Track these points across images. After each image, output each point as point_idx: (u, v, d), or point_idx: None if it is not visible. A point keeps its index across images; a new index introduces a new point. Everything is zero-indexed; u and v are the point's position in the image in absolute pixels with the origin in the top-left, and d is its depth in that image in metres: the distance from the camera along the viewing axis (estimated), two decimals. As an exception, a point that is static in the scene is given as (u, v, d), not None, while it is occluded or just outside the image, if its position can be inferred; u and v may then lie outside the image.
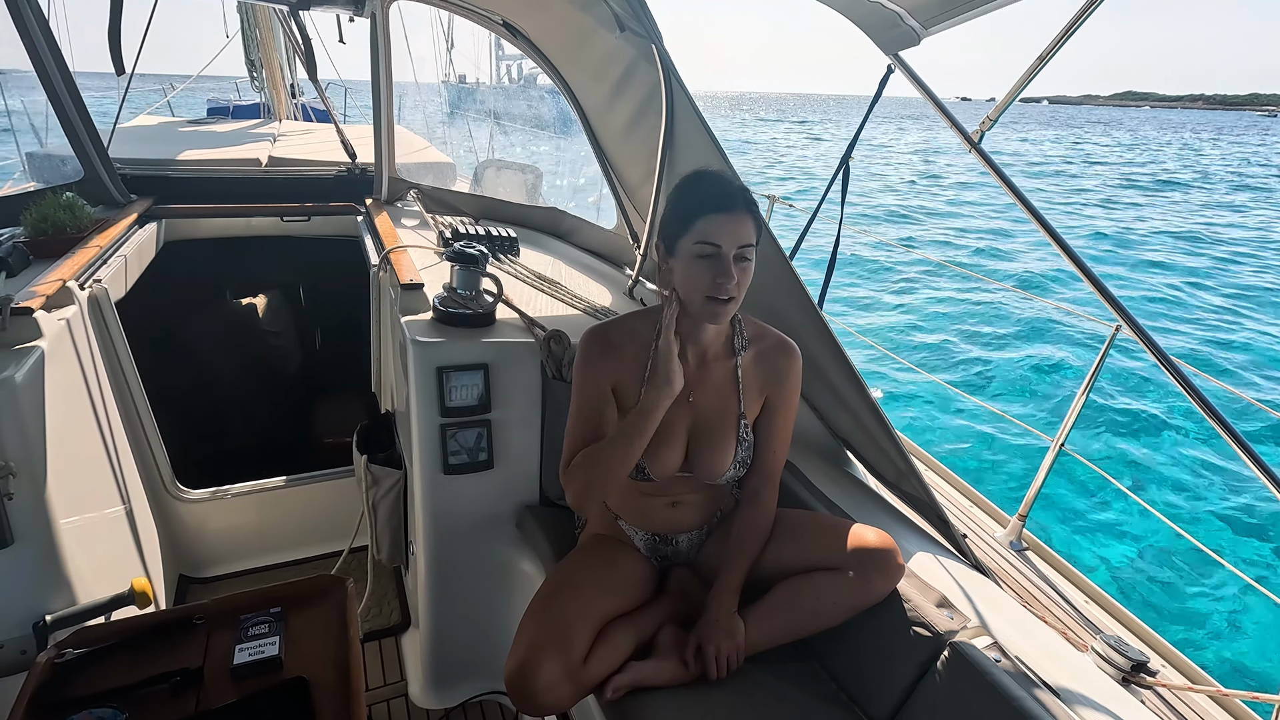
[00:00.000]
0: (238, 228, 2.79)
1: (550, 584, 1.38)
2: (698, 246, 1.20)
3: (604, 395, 1.34)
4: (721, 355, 1.38)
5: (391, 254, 2.02)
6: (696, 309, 1.24)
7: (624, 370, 1.35)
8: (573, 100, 2.35)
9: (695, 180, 1.27)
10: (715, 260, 1.20)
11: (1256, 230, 18.01)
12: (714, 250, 1.19)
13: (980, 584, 1.42)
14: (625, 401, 1.37)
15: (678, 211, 1.24)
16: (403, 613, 2.30)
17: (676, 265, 1.25)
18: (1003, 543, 2.29)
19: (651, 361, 1.31)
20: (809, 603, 1.30)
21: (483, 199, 2.89)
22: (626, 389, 1.36)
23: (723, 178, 1.26)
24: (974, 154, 1.69)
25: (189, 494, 2.32)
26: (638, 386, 1.35)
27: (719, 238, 1.19)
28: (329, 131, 3.58)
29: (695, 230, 1.19)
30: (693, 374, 1.36)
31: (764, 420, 1.42)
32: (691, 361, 1.36)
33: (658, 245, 1.29)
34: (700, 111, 1.64)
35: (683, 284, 1.24)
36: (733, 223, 1.19)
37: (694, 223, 1.19)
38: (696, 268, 1.21)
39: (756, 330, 1.42)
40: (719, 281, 1.19)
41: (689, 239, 1.20)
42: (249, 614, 1.01)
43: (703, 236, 1.19)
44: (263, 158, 3.11)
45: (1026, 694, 1.09)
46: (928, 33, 1.79)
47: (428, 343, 1.61)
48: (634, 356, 1.36)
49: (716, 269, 1.19)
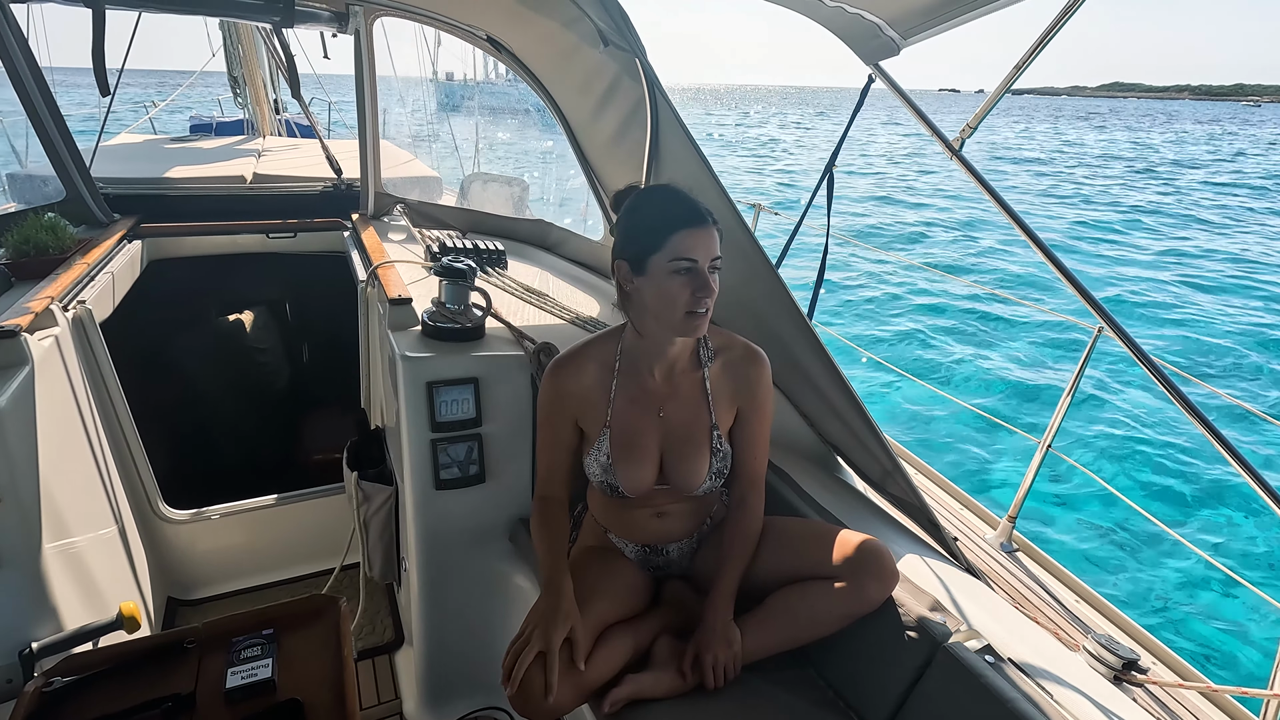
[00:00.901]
0: (223, 245, 2.77)
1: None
2: (674, 263, 1.20)
3: (566, 432, 1.40)
4: (689, 368, 1.39)
5: (379, 269, 2.02)
6: (675, 325, 1.25)
7: (585, 402, 1.38)
8: (558, 114, 2.36)
9: (658, 195, 1.29)
10: (693, 275, 1.21)
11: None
12: (691, 265, 1.20)
13: (972, 586, 1.43)
14: (590, 428, 1.39)
15: (644, 228, 1.24)
16: (396, 630, 2.28)
17: (646, 284, 1.24)
18: (993, 544, 2.31)
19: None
20: (805, 611, 1.31)
21: (470, 212, 2.89)
22: (591, 417, 1.38)
23: (683, 192, 1.27)
24: (955, 161, 1.72)
25: (176, 515, 2.30)
26: (603, 409, 1.37)
27: (694, 252, 1.20)
28: (314, 147, 3.58)
29: (670, 247, 1.20)
30: (661, 389, 1.37)
31: (740, 429, 1.43)
32: (659, 377, 1.37)
33: (619, 265, 1.28)
34: (685, 123, 1.65)
35: (657, 301, 1.24)
36: (705, 236, 1.21)
37: (668, 239, 1.20)
38: (674, 284, 1.21)
39: (723, 340, 1.42)
40: (699, 296, 1.20)
41: (663, 256, 1.21)
42: (241, 636, 1.00)
43: (679, 253, 1.20)
44: (247, 174, 3.10)
45: (1019, 695, 1.10)
46: (907, 43, 1.82)
47: (417, 358, 1.61)
48: (596, 383, 1.37)
49: (695, 283, 1.21)
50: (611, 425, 1.36)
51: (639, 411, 1.36)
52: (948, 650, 1.19)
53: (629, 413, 1.36)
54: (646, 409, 1.37)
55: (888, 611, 1.28)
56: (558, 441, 1.40)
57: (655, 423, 1.37)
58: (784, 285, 1.63)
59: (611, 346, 1.39)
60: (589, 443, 1.39)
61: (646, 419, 1.36)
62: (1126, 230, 16.88)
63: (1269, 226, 18.12)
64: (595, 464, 1.37)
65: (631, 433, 1.36)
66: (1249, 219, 19.19)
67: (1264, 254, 14.75)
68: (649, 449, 1.36)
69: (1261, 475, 1.34)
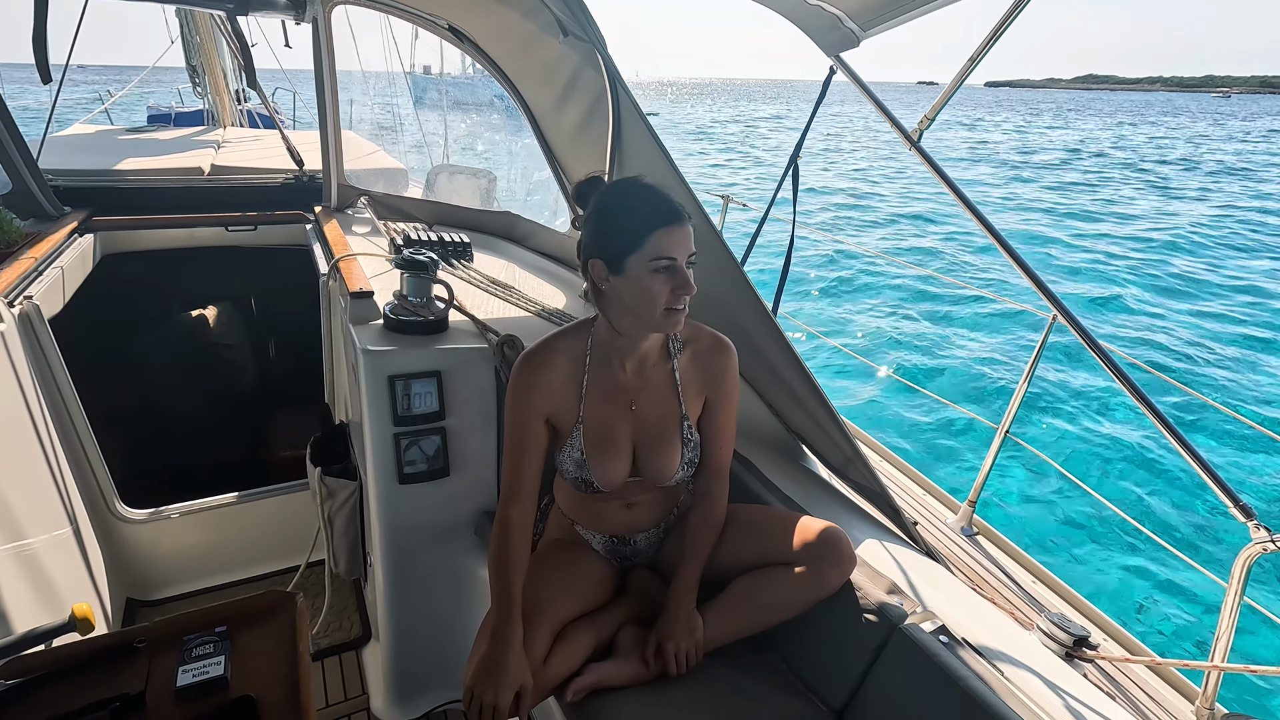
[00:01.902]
0: (180, 239, 2.71)
1: None
2: (654, 263, 1.20)
3: (535, 428, 1.34)
4: (658, 360, 1.39)
5: (340, 262, 1.99)
6: (654, 323, 1.24)
7: (556, 396, 1.34)
8: (522, 104, 2.34)
9: (632, 196, 1.25)
10: (673, 273, 1.21)
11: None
12: (671, 263, 1.20)
13: (931, 569, 1.46)
14: (562, 424, 1.36)
15: (623, 229, 1.22)
16: (363, 626, 2.26)
17: (624, 283, 1.23)
18: (954, 528, 2.36)
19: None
20: (765, 597, 1.33)
21: (436, 204, 2.86)
22: (562, 412, 1.36)
23: (656, 188, 1.26)
24: (914, 152, 1.74)
25: (134, 515, 2.25)
26: (575, 404, 1.35)
27: (674, 250, 1.19)
28: (275, 138, 3.50)
29: (649, 247, 1.19)
30: (631, 382, 1.37)
31: (707, 418, 1.44)
32: (629, 370, 1.37)
33: (594, 264, 1.26)
34: (645, 116, 1.65)
35: (636, 300, 1.23)
36: (683, 234, 1.21)
37: (647, 239, 1.19)
38: (655, 282, 1.21)
39: (691, 331, 1.42)
40: (679, 293, 1.21)
41: (642, 256, 1.20)
42: (193, 634, 0.99)
43: (659, 252, 1.19)
44: (205, 166, 3.03)
45: (972, 674, 1.13)
46: (867, 34, 1.84)
47: (378, 351, 1.59)
48: (567, 377, 1.35)
49: (675, 281, 1.20)
50: (584, 420, 1.35)
51: (611, 406, 1.36)
52: (903, 632, 1.22)
53: (601, 407, 1.36)
54: (618, 403, 1.36)
55: (846, 596, 1.31)
56: (527, 442, 1.33)
57: (627, 416, 1.37)
58: (747, 278, 1.65)
59: (581, 340, 1.37)
60: (561, 439, 1.37)
61: (619, 413, 1.36)
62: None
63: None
64: (569, 460, 1.36)
65: (604, 427, 1.36)
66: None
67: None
68: (622, 443, 1.37)
69: (1203, 456, 1.39)
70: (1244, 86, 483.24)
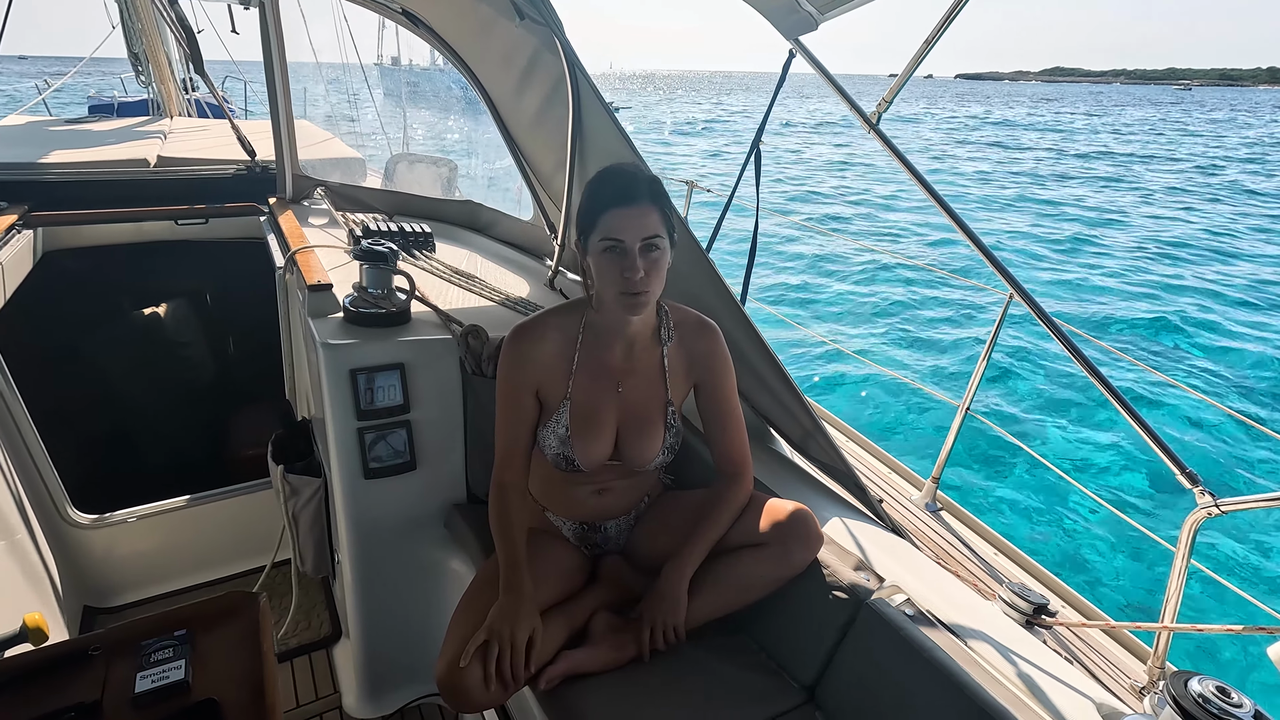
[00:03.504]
0: (127, 233, 2.61)
1: (479, 580, 1.38)
2: (604, 243, 1.20)
3: (527, 402, 1.37)
4: (649, 344, 1.39)
5: (297, 255, 1.94)
6: (614, 303, 1.25)
7: (546, 370, 1.36)
8: (481, 90, 2.30)
9: (602, 176, 1.26)
10: (620, 254, 1.20)
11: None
12: (617, 244, 1.20)
13: (896, 545, 1.50)
14: (550, 399, 1.37)
15: (585, 209, 1.24)
16: (333, 624, 2.23)
17: (590, 263, 1.26)
18: (918, 505, 2.41)
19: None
20: (735, 579, 1.34)
21: (395, 194, 2.80)
22: (551, 387, 1.36)
23: (628, 171, 1.25)
24: (872, 134, 1.76)
25: (88, 520, 2.18)
26: (564, 381, 1.35)
27: (621, 232, 1.19)
28: (225, 128, 3.39)
29: (600, 226, 1.20)
30: (620, 365, 1.37)
31: (707, 402, 1.44)
32: (619, 353, 1.37)
33: (577, 243, 1.29)
34: (605, 100, 1.64)
35: (598, 280, 1.25)
36: (635, 215, 1.19)
37: (599, 219, 1.20)
38: (605, 262, 1.21)
39: (678, 315, 1.43)
40: (626, 276, 1.20)
41: (596, 236, 1.21)
42: (151, 639, 0.96)
43: (606, 232, 1.20)
44: (151, 157, 2.91)
45: (936, 645, 1.16)
46: (824, 18, 1.84)
47: (339, 344, 1.56)
48: (557, 353, 1.36)
49: (623, 263, 1.20)
50: (571, 397, 1.35)
51: (599, 386, 1.36)
52: (870, 607, 1.24)
53: (589, 386, 1.36)
54: (606, 384, 1.37)
55: (814, 574, 1.33)
56: (518, 415, 1.36)
57: (614, 398, 1.37)
58: (709, 261, 1.65)
59: (575, 319, 1.38)
60: (547, 414, 1.37)
61: (606, 394, 1.36)
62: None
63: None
64: (553, 436, 1.36)
65: (591, 407, 1.36)
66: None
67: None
68: (606, 424, 1.37)
69: (1150, 426, 1.44)
70: (1204, 79, 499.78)
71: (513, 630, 1.21)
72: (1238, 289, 10.77)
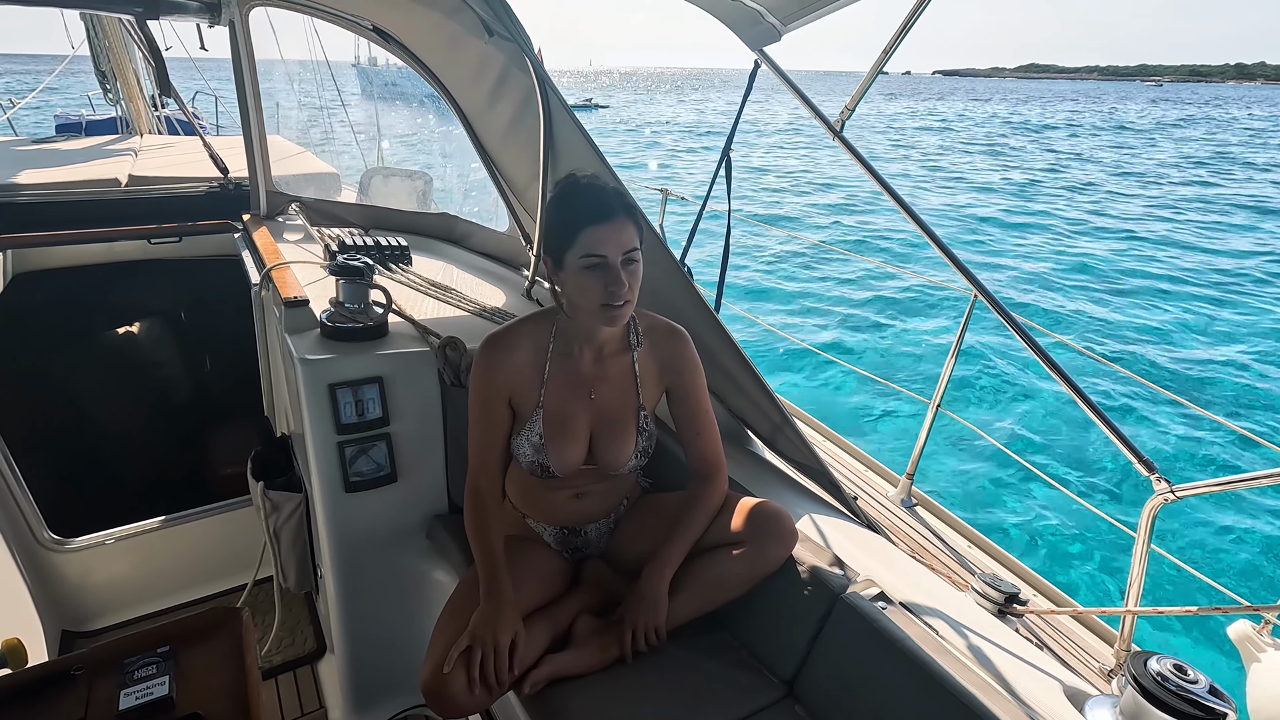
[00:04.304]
0: (99, 254, 2.59)
1: (462, 588, 1.39)
2: (585, 260, 1.21)
3: (501, 411, 1.38)
4: (619, 350, 1.42)
5: (273, 271, 1.95)
6: (594, 318, 1.27)
7: (519, 379, 1.37)
8: (453, 104, 2.32)
9: (570, 191, 1.27)
10: (604, 270, 1.22)
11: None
12: (600, 260, 1.21)
13: (871, 540, 1.54)
14: (523, 407, 1.39)
15: (559, 226, 1.25)
16: (318, 639, 2.22)
17: (566, 279, 1.27)
18: (894, 500, 2.46)
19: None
20: (712, 577, 1.37)
21: (371, 208, 2.81)
22: (523, 395, 1.38)
23: (597, 185, 1.27)
24: (836, 141, 1.81)
25: (65, 543, 2.15)
26: (536, 389, 1.38)
27: (603, 248, 1.20)
28: (196, 145, 3.37)
29: (580, 244, 1.21)
30: (591, 372, 1.40)
31: (679, 407, 1.46)
32: (589, 359, 1.40)
33: (545, 260, 1.30)
34: (575, 114, 1.67)
35: (576, 295, 1.26)
36: (614, 231, 1.21)
37: (577, 236, 1.21)
38: (587, 279, 1.23)
39: (648, 321, 1.46)
40: (611, 290, 1.21)
41: (574, 253, 1.22)
42: (134, 657, 0.97)
43: (588, 249, 1.21)
44: (122, 176, 2.89)
45: (909, 635, 1.19)
46: (787, 29, 1.89)
47: (316, 360, 1.57)
48: (529, 361, 1.38)
49: (607, 278, 1.21)
50: (544, 405, 1.37)
51: (571, 393, 1.38)
52: (845, 600, 1.28)
53: (561, 394, 1.38)
54: (578, 391, 1.39)
55: (790, 570, 1.36)
56: (492, 423, 1.38)
57: (586, 404, 1.39)
58: (681, 269, 1.69)
59: (546, 327, 1.40)
60: (520, 422, 1.39)
61: (578, 400, 1.38)
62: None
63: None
64: (526, 444, 1.38)
65: (563, 414, 1.38)
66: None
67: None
68: (579, 430, 1.39)
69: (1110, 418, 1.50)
70: (1175, 75, 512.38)
71: (495, 634, 1.22)
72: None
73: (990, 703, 1.07)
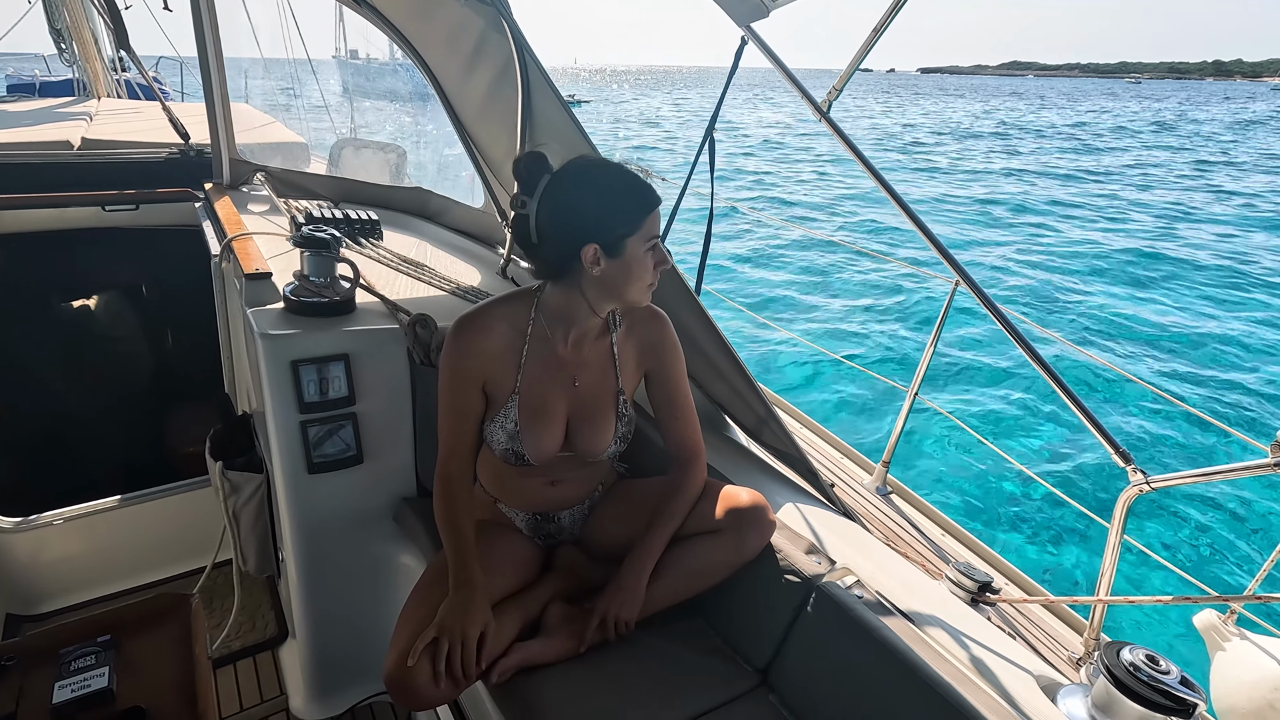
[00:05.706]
0: (49, 220, 2.46)
1: (429, 574, 1.34)
2: (649, 242, 1.23)
3: (472, 396, 1.32)
4: (599, 334, 1.38)
5: (234, 242, 1.86)
6: (638, 297, 1.28)
7: (493, 363, 1.31)
8: (428, 74, 2.23)
9: (610, 175, 1.23)
10: (657, 250, 1.26)
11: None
12: (657, 241, 1.25)
13: (847, 529, 1.52)
14: (497, 393, 1.33)
15: (622, 212, 1.21)
16: (279, 624, 2.16)
17: (618, 264, 1.22)
18: (869, 488, 2.46)
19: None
20: (690, 565, 1.34)
21: (341, 180, 2.71)
22: (498, 381, 1.32)
23: (626, 169, 1.26)
24: (823, 122, 1.77)
25: (11, 523, 2.06)
26: (512, 374, 1.32)
27: (658, 229, 1.25)
28: (157, 110, 3.22)
29: (646, 228, 1.22)
30: (571, 357, 1.35)
31: (658, 391, 1.43)
32: (570, 344, 1.35)
33: (588, 250, 1.21)
34: (554, 84, 1.61)
35: (628, 279, 1.24)
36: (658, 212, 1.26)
37: (644, 221, 1.22)
38: (647, 261, 1.24)
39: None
40: (659, 268, 1.27)
41: (639, 237, 1.22)
42: (71, 647, 0.90)
43: (652, 232, 1.24)
44: (75, 139, 2.75)
45: (883, 624, 1.18)
46: (776, 5, 1.84)
47: (279, 335, 1.50)
48: (505, 344, 1.32)
49: (658, 257, 1.26)
50: (521, 391, 1.32)
51: (549, 379, 1.33)
52: (821, 589, 1.26)
53: (539, 379, 1.33)
54: (558, 376, 1.34)
55: (768, 558, 1.34)
56: (462, 409, 1.32)
57: (566, 390, 1.34)
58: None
59: (524, 310, 1.34)
60: (494, 408, 1.34)
61: (556, 386, 1.34)
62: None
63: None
64: (501, 431, 1.33)
65: (540, 400, 1.33)
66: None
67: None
68: (556, 416, 1.34)
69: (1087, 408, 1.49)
70: (1154, 72, 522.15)
71: (464, 627, 1.18)
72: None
73: (964, 691, 1.07)
